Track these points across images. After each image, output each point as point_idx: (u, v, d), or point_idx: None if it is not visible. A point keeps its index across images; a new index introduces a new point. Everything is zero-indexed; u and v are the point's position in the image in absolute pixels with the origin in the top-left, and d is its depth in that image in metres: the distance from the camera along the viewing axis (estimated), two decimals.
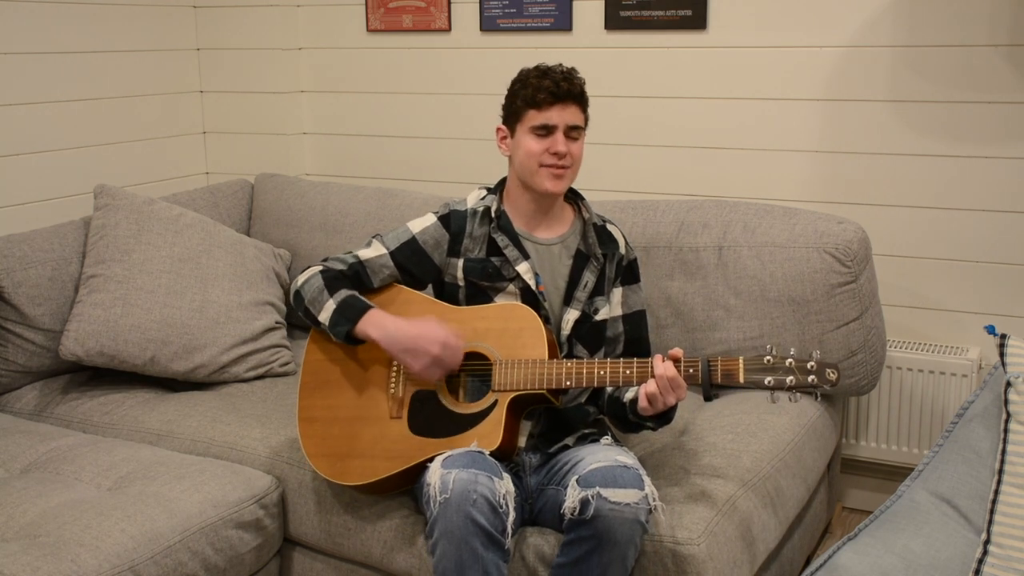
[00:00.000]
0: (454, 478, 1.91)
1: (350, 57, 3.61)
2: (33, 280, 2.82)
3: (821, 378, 1.97)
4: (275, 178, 3.49)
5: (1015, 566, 1.91)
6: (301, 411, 2.32)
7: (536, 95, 2.19)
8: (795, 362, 1.99)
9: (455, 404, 2.19)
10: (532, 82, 2.21)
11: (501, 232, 2.26)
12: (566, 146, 2.20)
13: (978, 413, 2.13)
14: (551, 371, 2.10)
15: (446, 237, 2.30)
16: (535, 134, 2.20)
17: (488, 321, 2.21)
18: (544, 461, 2.21)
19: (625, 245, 2.36)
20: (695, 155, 3.16)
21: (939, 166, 2.89)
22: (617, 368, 2.07)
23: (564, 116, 2.20)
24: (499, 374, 2.14)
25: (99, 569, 2.01)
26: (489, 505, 1.90)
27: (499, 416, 2.11)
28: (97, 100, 3.40)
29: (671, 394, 2.02)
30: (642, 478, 1.96)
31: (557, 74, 2.21)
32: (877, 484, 3.10)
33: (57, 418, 2.78)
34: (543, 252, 2.29)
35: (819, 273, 2.61)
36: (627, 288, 2.35)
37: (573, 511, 1.92)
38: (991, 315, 2.90)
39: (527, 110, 2.21)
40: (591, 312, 2.28)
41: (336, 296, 2.24)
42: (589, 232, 2.31)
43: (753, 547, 2.20)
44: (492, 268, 2.26)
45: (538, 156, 2.20)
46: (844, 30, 2.92)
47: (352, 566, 2.41)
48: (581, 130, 2.24)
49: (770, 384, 1.99)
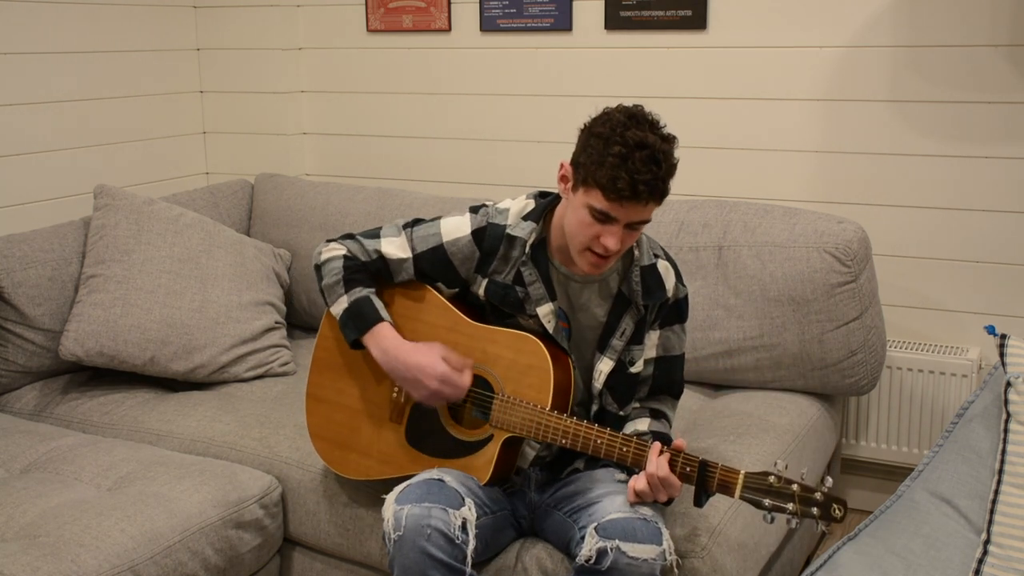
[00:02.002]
0: (406, 514, 1.88)
1: (350, 57, 3.61)
2: (33, 280, 2.82)
3: (825, 513, 1.82)
4: (275, 178, 3.49)
5: (1015, 566, 1.90)
6: (311, 386, 2.31)
7: (609, 186, 1.86)
8: (800, 491, 1.84)
9: (452, 426, 2.14)
10: (611, 162, 1.85)
11: (533, 266, 2.07)
12: (620, 242, 1.93)
13: (978, 413, 2.13)
14: (549, 425, 2.00)
15: (476, 254, 2.12)
16: (593, 215, 1.91)
17: (498, 347, 2.10)
18: (550, 479, 2.16)
19: (675, 285, 2.12)
20: (695, 155, 3.16)
21: (939, 166, 2.89)
22: (615, 443, 1.96)
23: (633, 214, 1.91)
24: (498, 410, 2.06)
25: (99, 569, 2.01)
26: (444, 537, 1.86)
27: (492, 453, 2.07)
28: (97, 100, 3.40)
29: (662, 493, 1.91)
30: (661, 532, 1.90)
31: (643, 168, 1.85)
32: (877, 484, 3.10)
33: (57, 418, 2.77)
34: (577, 289, 2.10)
35: (819, 273, 2.61)
36: (667, 330, 2.14)
37: (588, 560, 1.87)
38: (991, 315, 2.90)
39: (594, 188, 1.89)
40: (627, 362, 2.11)
41: (351, 294, 2.15)
42: (634, 274, 2.07)
43: (756, 552, 2.20)
44: (514, 298, 2.09)
45: (588, 239, 1.94)
46: (844, 30, 2.92)
47: (352, 566, 2.41)
48: (648, 221, 1.96)
49: (768, 507, 1.85)
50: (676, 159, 1.95)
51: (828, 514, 1.82)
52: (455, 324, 2.15)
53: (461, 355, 2.10)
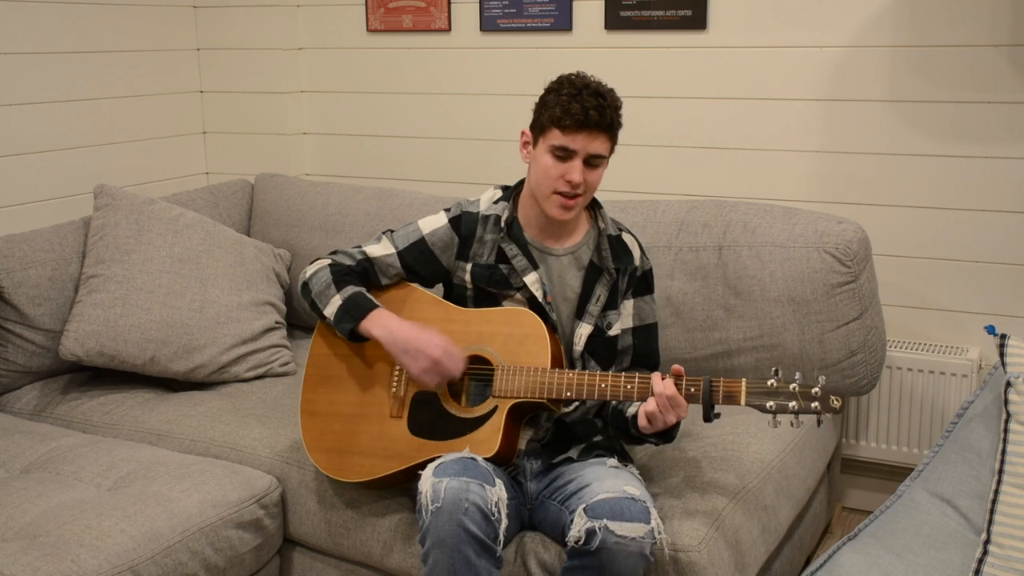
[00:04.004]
0: (445, 486, 1.90)
1: (350, 57, 3.61)
2: (33, 280, 2.82)
3: (825, 405, 1.94)
4: (275, 178, 3.49)
5: (1015, 566, 1.90)
6: (304, 403, 2.32)
7: (564, 117, 2.09)
8: (799, 388, 1.96)
9: (455, 407, 2.18)
10: (563, 100, 2.09)
11: (511, 240, 2.22)
12: (582, 175, 2.10)
13: (978, 413, 2.13)
14: (552, 380, 2.08)
15: (456, 240, 2.26)
16: (554, 155, 2.11)
17: (493, 325, 2.19)
18: (545, 469, 2.20)
19: (641, 256, 2.28)
20: (695, 155, 3.16)
21: (939, 166, 2.89)
22: (619, 382, 2.05)
23: (588, 145, 2.10)
24: (500, 380, 2.12)
25: (99, 569, 2.01)
26: (481, 513, 1.89)
27: (498, 422, 2.10)
28: (97, 100, 3.40)
29: (671, 413, 1.99)
30: (649, 511, 1.93)
31: (591, 99, 2.08)
32: (877, 484, 3.10)
33: (57, 418, 2.78)
34: (553, 262, 2.23)
35: (819, 273, 2.61)
36: (639, 300, 2.28)
37: (578, 540, 1.90)
38: (991, 315, 2.90)
39: (551, 128, 2.11)
40: (604, 327, 2.22)
41: (343, 292, 2.23)
42: (603, 243, 2.23)
43: (754, 549, 2.20)
44: (500, 276, 2.22)
45: (553, 181, 2.12)
46: (844, 30, 2.92)
47: (352, 566, 2.41)
48: (604, 159, 2.14)
49: (771, 408, 1.96)
50: (620, 104, 2.16)
51: (828, 406, 1.95)
52: (448, 314, 2.24)
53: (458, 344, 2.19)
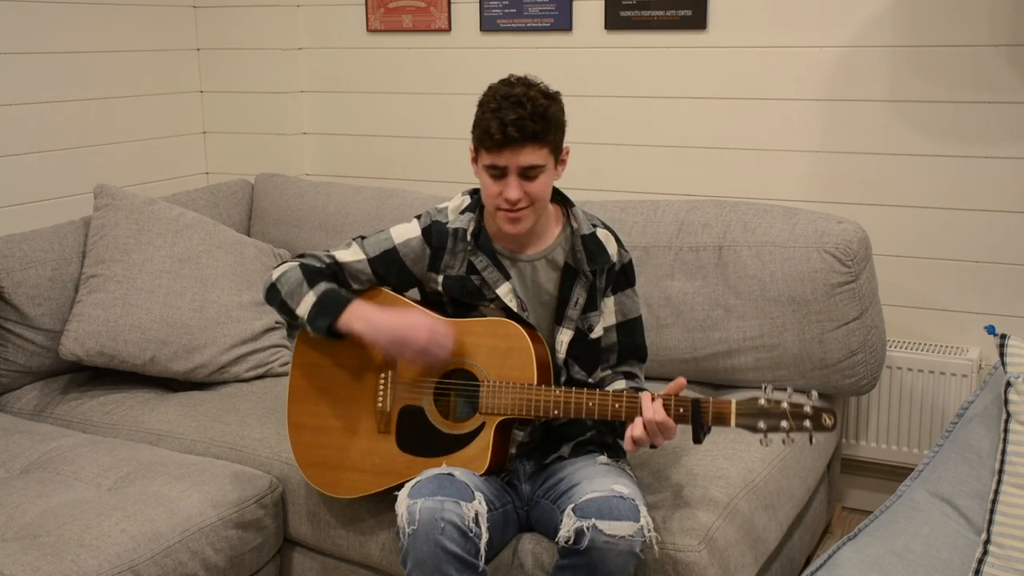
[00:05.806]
0: (420, 507, 1.88)
1: (350, 57, 3.61)
2: (33, 280, 2.82)
3: (817, 424, 1.91)
4: (275, 178, 3.49)
5: (1015, 566, 1.90)
6: (291, 416, 2.30)
7: (484, 137, 2.00)
8: (790, 406, 1.92)
9: (443, 423, 2.15)
10: (485, 118, 2.00)
11: (479, 252, 2.14)
12: (520, 190, 2.01)
13: (978, 413, 2.13)
14: (539, 399, 2.04)
15: (427, 252, 2.18)
16: (489, 173, 2.04)
17: (476, 337, 2.13)
18: (538, 469, 2.18)
19: (618, 251, 2.20)
20: (695, 155, 3.16)
21: (939, 166, 2.89)
22: (607, 401, 2.01)
23: (515, 159, 1.99)
24: (487, 396, 2.09)
25: (99, 569, 2.01)
26: (458, 530, 1.88)
27: (487, 439, 2.08)
28: (97, 100, 3.40)
29: (659, 437, 1.96)
30: (638, 509, 1.91)
31: (510, 111, 1.97)
32: (877, 484, 3.10)
33: (57, 418, 2.78)
34: (525, 269, 2.17)
35: (819, 273, 2.61)
36: (621, 295, 2.22)
37: (567, 540, 1.89)
38: (991, 315, 2.90)
39: (480, 147, 2.04)
40: (585, 329, 2.17)
41: (316, 288, 2.15)
42: (577, 244, 2.15)
43: (754, 550, 2.20)
44: (472, 287, 2.15)
45: (494, 198, 2.04)
46: (844, 30, 2.92)
47: (351, 566, 2.41)
48: (540, 167, 2.02)
49: (763, 429, 1.93)
50: (549, 105, 2.01)
51: (820, 424, 1.91)
52: None
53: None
